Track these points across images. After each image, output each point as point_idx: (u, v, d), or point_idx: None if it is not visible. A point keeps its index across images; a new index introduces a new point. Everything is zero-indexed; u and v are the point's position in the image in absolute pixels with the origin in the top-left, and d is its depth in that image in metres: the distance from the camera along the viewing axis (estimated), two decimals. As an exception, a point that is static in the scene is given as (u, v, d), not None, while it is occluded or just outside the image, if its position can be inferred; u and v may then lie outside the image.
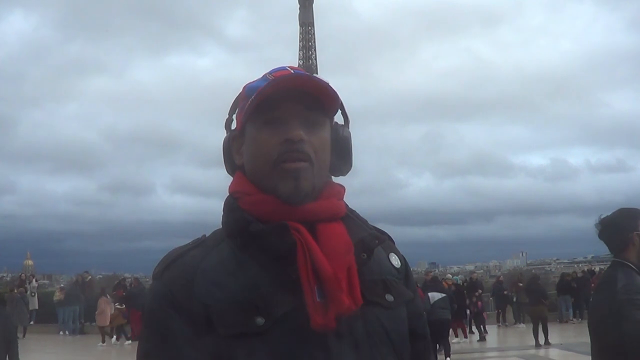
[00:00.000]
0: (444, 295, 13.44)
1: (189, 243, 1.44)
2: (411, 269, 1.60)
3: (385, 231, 1.58)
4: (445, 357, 13.45)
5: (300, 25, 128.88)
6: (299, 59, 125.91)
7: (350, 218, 1.47)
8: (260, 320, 1.29)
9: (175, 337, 1.31)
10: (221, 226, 1.45)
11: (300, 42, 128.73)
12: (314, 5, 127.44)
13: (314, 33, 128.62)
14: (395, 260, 1.52)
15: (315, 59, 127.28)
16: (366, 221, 1.51)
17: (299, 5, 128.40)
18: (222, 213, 1.46)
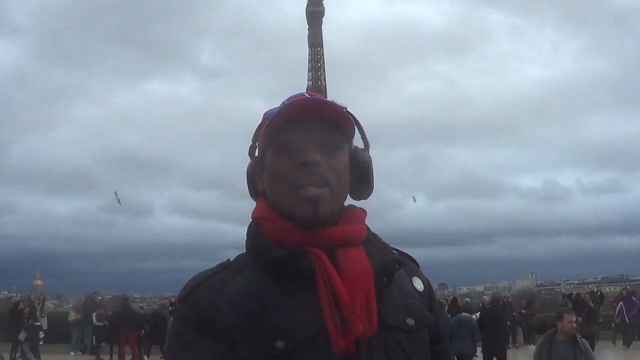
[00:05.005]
0: None
1: (214, 267, 1.46)
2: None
3: (409, 254, 1.59)
4: None
5: (309, 46, 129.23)
6: (308, 80, 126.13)
7: (371, 242, 1.48)
8: (280, 344, 1.31)
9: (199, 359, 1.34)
10: (245, 251, 1.47)
11: (309, 63, 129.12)
12: (322, 26, 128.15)
13: (322, 54, 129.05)
14: (418, 284, 1.53)
15: (325, 80, 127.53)
16: (387, 245, 1.53)
17: (307, 26, 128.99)
18: (246, 238, 1.48)
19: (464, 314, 13.02)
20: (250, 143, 1.56)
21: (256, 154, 1.55)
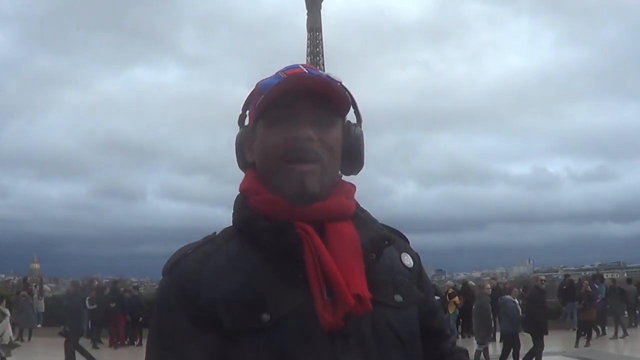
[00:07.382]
0: None
1: (199, 240, 1.44)
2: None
3: (399, 230, 1.57)
4: None
5: (308, 31, 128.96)
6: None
7: (361, 217, 1.46)
8: (266, 317, 1.29)
9: (183, 332, 1.32)
10: (231, 224, 1.45)
11: (307, 47, 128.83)
12: (321, 10, 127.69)
13: (321, 39, 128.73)
14: (407, 260, 1.50)
15: (323, 65, 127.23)
16: (376, 220, 1.50)
17: (306, 11, 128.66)
18: (233, 210, 1.46)
19: (505, 296, 14.14)
20: (240, 112, 1.54)
21: (246, 123, 1.53)
